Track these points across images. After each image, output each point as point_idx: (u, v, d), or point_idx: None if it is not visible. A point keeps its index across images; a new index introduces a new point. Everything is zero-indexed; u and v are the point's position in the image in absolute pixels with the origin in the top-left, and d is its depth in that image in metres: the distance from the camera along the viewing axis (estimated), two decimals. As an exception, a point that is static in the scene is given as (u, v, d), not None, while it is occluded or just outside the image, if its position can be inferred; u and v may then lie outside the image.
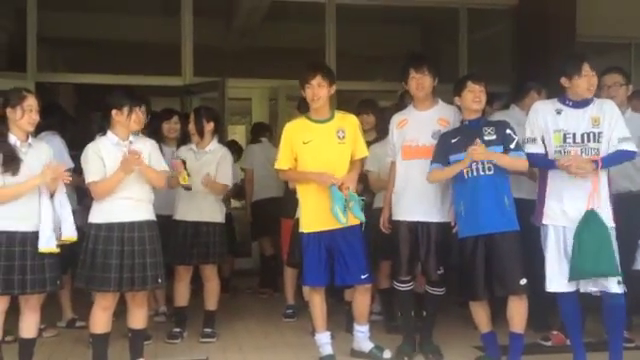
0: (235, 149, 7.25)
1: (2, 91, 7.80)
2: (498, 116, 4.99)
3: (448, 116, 4.51)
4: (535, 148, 4.16)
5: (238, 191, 6.87)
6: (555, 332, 4.77)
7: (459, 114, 4.43)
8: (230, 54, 9.41)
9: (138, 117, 4.22)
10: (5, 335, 4.13)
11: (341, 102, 8.29)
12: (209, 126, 5.11)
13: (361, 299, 4.48)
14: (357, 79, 8.76)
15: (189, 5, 8.27)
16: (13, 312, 4.09)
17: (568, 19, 8.59)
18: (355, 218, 4.23)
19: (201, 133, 5.08)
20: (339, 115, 4.47)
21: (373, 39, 9.50)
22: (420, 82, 4.45)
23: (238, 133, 11.00)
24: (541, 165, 4.20)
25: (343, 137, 4.36)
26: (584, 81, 4.03)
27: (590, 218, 3.95)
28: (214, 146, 5.13)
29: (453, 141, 4.26)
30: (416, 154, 4.43)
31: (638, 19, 8.59)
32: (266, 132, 7.29)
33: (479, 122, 4.28)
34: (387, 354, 4.47)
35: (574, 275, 3.99)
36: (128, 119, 4.14)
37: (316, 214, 4.32)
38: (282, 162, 4.42)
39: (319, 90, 4.33)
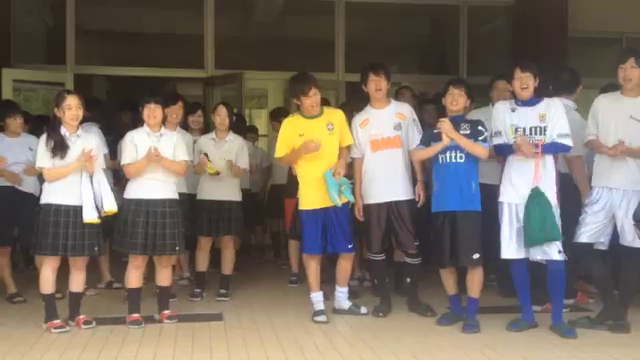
0: (255, 134, 8.14)
1: (44, 83, 8.80)
2: (475, 114, 5.72)
3: (404, 111, 5.38)
4: (499, 140, 4.97)
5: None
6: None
7: (412, 110, 5.40)
8: (248, 47, 10.22)
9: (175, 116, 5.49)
10: (56, 293, 5.08)
11: (350, 93, 9.16)
12: (232, 120, 6.03)
13: (344, 264, 5.32)
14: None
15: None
16: (61, 275, 5.04)
17: (560, 15, 9.28)
18: (345, 198, 5.09)
19: (231, 126, 5.96)
20: (327, 110, 5.31)
21: (380, 32, 10.27)
22: (378, 84, 5.27)
23: (263, 117, 11.33)
24: (504, 153, 4.97)
25: (332, 128, 5.19)
26: (517, 83, 4.87)
27: (535, 194, 4.75)
28: (232, 136, 6.00)
29: (435, 131, 5.05)
30: (383, 145, 5.26)
31: (629, 14, 9.24)
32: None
33: (458, 118, 5.06)
34: (364, 309, 5.33)
35: (527, 243, 4.78)
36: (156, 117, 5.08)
37: (313, 194, 5.16)
38: (280, 151, 5.28)
39: (315, 98, 5.14)
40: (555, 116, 4.84)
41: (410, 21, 10.54)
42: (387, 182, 5.25)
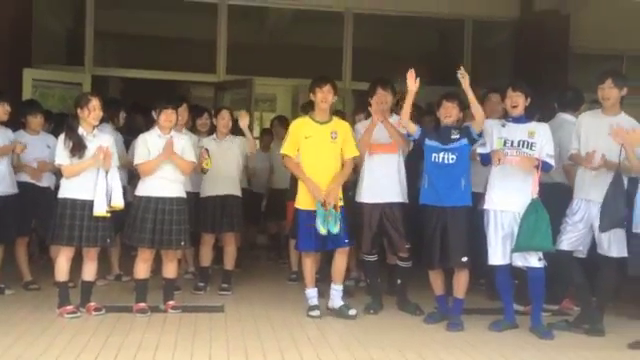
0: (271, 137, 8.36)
1: (63, 82, 9.15)
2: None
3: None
4: (483, 149, 5.35)
5: None
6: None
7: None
8: (258, 54, 10.54)
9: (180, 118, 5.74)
10: (69, 282, 5.44)
11: (358, 100, 9.47)
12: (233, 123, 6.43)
13: (340, 260, 5.55)
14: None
15: (224, 8, 9.48)
16: (73, 267, 5.40)
17: (562, 31, 9.59)
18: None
19: (231, 130, 6.38)
20: (335, 120, 5.66)
21: (387, 43, 10.60)
22: (383, 98, 5.63)
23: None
24: (486, 162, 5.34)
25: (335, 138, 5.52)
26: (508, 101, 5.26)
27: (536, 205, 5.07)
28: (231, 136, 6.40)
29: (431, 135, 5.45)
30: (380, 149, 5.61)
31: (630, 32, 9.46)
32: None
33: (450, 127, 5.40)
34: (352, 311, 5.50)
35: (520, 248, 5.09)
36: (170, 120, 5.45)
37: (309, 196, 5.46)
38: (288, 149, 5.59)
39: (328, 95, 5.50)
40: (545, 137, 5.19)
41: (416, 33, 10.86)
42: (382, 184, 5.59)
